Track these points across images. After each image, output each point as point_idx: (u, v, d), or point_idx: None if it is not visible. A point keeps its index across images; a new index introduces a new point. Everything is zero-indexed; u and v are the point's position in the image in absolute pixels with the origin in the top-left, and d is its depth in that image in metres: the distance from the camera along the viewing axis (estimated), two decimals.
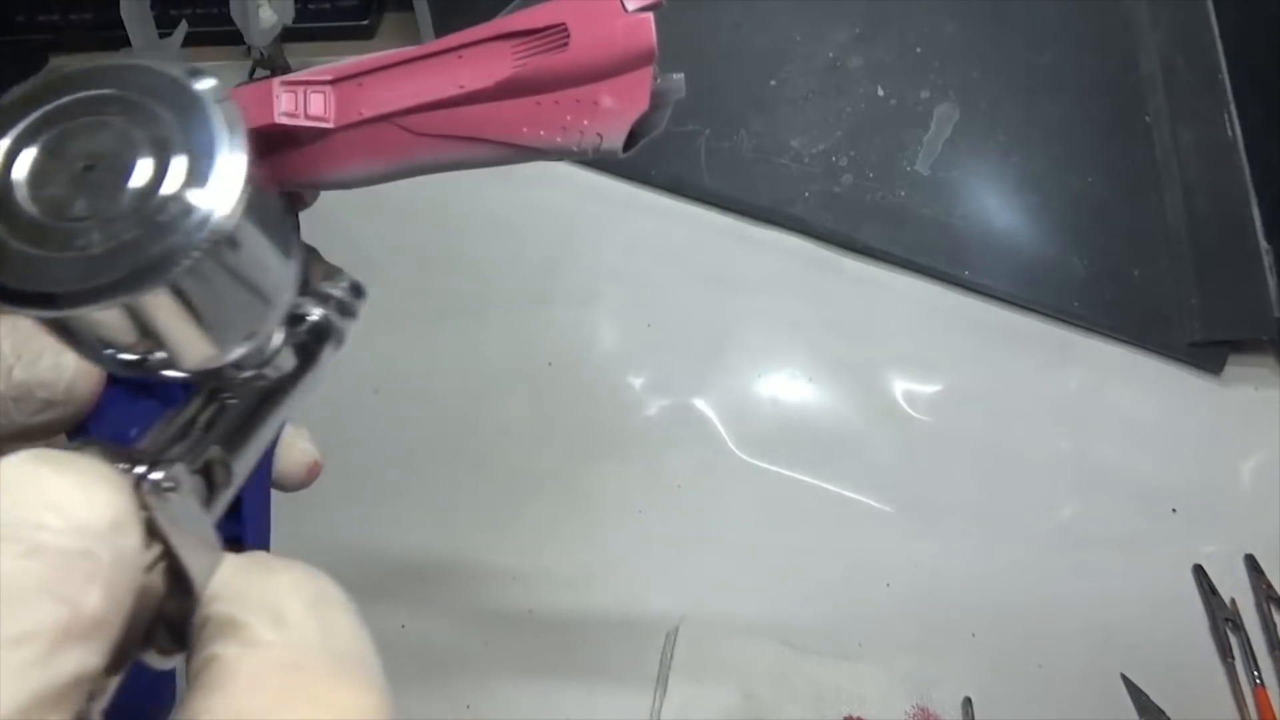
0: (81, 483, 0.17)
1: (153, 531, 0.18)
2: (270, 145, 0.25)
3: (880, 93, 0.73)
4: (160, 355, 0.19)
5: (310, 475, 0.32)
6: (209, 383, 0.23)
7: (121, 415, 0.26)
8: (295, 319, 0.25)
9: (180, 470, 0.19)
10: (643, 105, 0.25)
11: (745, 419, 0.61)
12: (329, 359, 0.26)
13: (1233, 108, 0.67)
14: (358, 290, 0.28)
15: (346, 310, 0.27)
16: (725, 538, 0.57)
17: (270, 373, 0.23)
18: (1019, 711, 0.51)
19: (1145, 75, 0.73)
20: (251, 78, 0.80)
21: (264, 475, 0.32)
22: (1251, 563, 0.55)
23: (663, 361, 0.63)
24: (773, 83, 0.74)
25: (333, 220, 0.68)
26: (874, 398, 0.62)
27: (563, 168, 0.71)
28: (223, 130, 0.18)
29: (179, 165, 0.18)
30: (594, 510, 0.58)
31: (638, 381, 0.62)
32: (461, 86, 0.25)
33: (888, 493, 0.58)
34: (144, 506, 0.18)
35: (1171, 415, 0.61)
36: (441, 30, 0.75)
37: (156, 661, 0.19)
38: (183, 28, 0.80)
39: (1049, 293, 0.65)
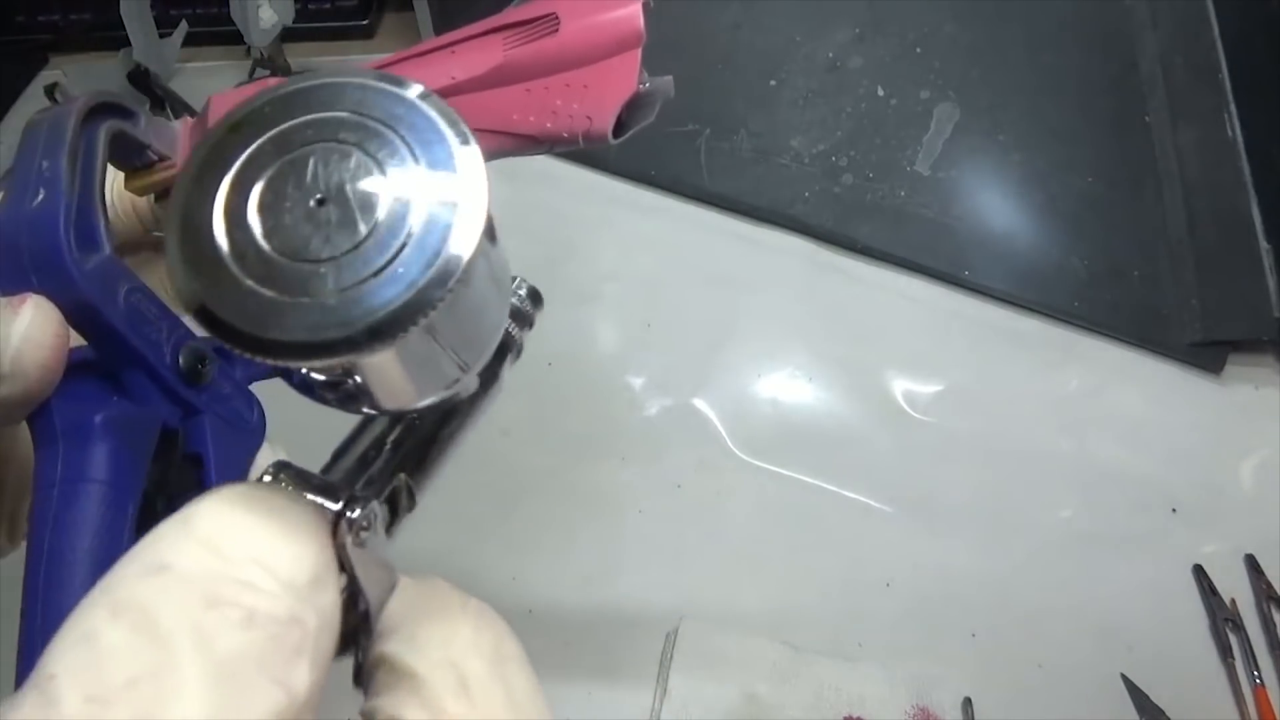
0: (285, 530, 0.16)
1: (342, 567, 0.17)
2: None
3: (880, 93, 0.73)
4: (353, 389, 0.18)
5: None
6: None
7: (86, 398, 0.23)
8: None
9: (376, 507, 0.18)
10: (631, 87, 0.25)
11: (745, 419, 0.61)
12: (508, 372, 0.24)
13: (1233, 108, 0.67)
14: (536, 298, 0.26)
15: (525, 320, 0.25)
16: (725, 538, 0.57)
17: (458, 397, 0.22)
18: (1019, 711, 0.51)
19: (1145, 75, 0.73)
20: (252, 78, 0.80)
21: (243, 463, 0.29)
22: (1251, 563, 0.55)
23: (663, 361, 0.63)
24: (773, 83, 0.74)
25: None
26: (874, 398, 0.62)
27: (563, 167, 0.71)
28: (464, 163, 0.17)
29: (420, 204, 0.16)
30: (594, 510, 0.58)
31: (638, 381, 0.62)
32: (453, 78, 0.25)
33: (888, 493, 0.58)
34: (339, 546, 0.17)
35: (1171, 415, 0.61)
36: (441, 30, 0.75)
37: None
38: (183, 28, 0.80)
39: (1049, 293, 0.65)
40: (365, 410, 0.19)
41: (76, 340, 0.23)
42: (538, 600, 0.55)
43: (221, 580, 0.15)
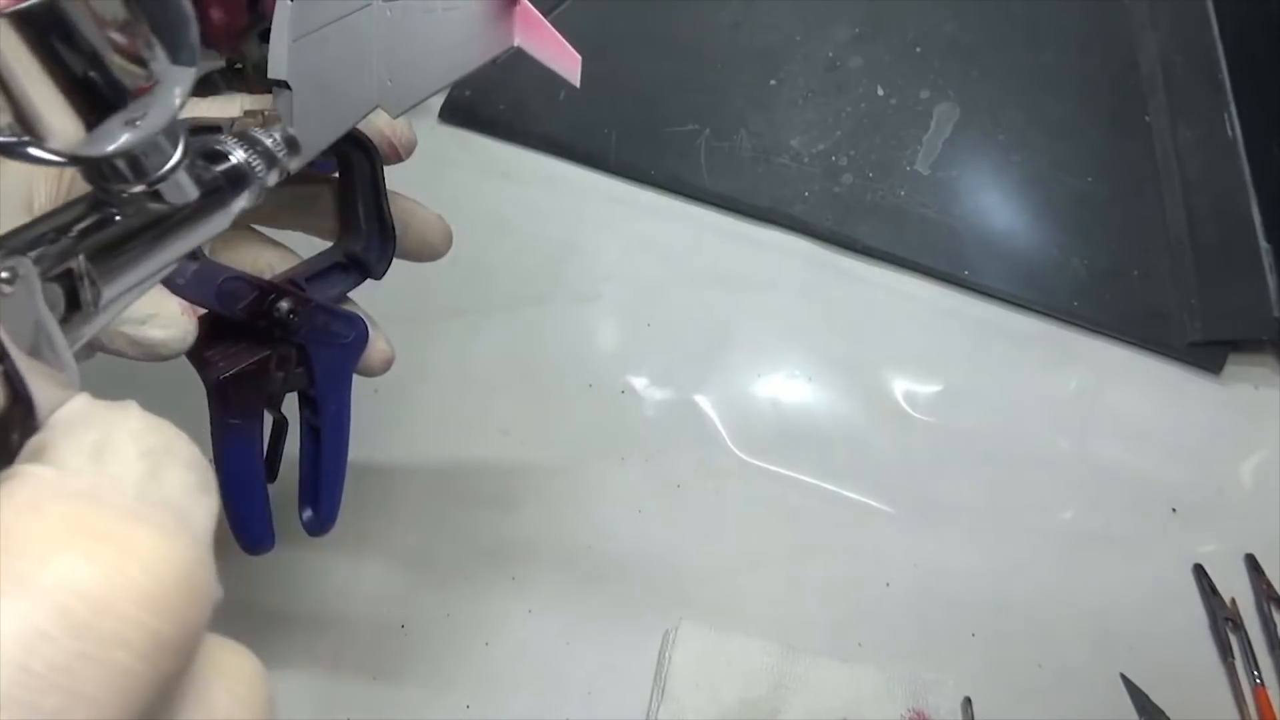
0: None
1: None
2: None
3: (880, 92, 0.73)
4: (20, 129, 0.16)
5: (385, 366, 0.40)
6: (95, 184, 0.20)
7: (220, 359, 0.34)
8: (213, 155, 0.24)
9: (25, 265, 0.16)
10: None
11: (745, 418, 0.61)
12: (239, 207, 0.24)
13: (1233, 108, 0.67)
14: (292, 145, 0.26)
15: (272, 162, 0.26)
16: (725, 538, 0.57)
17: (165, 195, 0.21)
18: (1019, 711, 0.51)
19: (1145, 75, 0.73)
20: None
21: (346, 373, 0.37)
22: (1251, 562, 0.55)
23: (663, 361, 0.63)
24: (773, 83, 0.74)
25: None
26: (874, 398, 0.62)
27: (563, 167, 0.71)
28: None
29: None
30: (594, 510, 0.58)
31: (638, 381, 0.62)
32: None
33: (888, 493, 0.58)
34: None
35: (1171, 415, 0.61)
36: None
37: None
38: None
39: (1049, 293, 0.65)
40: (41, 154, 0.17)
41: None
42: (537, 600, 0.55)
43: None
